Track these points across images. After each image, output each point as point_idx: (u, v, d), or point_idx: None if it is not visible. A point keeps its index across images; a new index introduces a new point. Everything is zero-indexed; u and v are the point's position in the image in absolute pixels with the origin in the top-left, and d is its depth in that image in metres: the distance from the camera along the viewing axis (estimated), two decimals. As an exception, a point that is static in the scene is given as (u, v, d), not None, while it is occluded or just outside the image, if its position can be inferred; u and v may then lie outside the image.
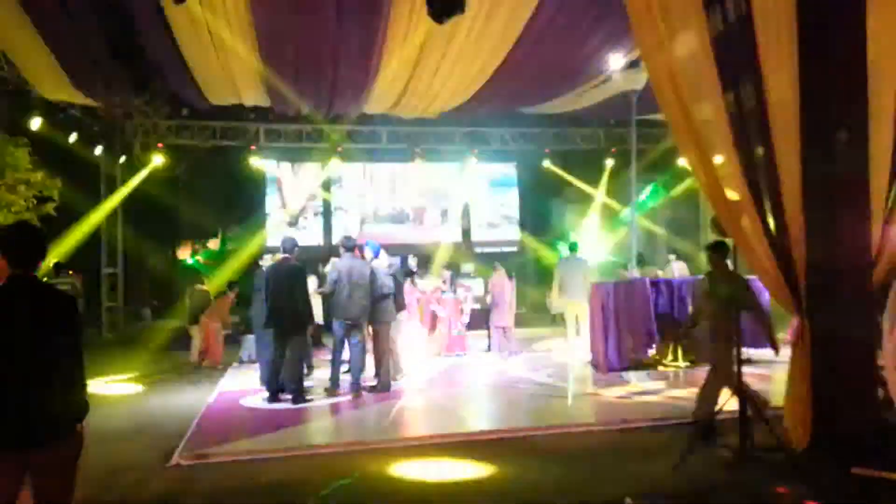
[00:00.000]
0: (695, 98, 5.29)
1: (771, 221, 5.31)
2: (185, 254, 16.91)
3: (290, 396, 7.96)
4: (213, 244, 16.95)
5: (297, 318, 8.05)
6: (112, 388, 9.45)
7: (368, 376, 8.76)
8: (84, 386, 3.18)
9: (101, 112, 12.86)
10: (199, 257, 16.77)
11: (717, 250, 6.11)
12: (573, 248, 11.41)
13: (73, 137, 13.05)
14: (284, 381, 8.06)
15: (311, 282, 9.69)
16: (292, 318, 7.99)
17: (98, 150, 14.27)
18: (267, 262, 9.68)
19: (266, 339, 8.59)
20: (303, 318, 8.13)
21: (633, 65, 10.95)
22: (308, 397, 8.10)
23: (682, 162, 13.98)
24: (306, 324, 8.24)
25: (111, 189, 15.08)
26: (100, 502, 4.93)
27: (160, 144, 14.79)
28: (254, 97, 12.69)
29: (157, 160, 14.80)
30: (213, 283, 12.53)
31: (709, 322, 6.21)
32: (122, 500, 4.99)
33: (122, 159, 14.80)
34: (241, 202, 16.73)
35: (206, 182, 15.62)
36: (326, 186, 17.17)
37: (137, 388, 9.52)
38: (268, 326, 8.14)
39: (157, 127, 14.44)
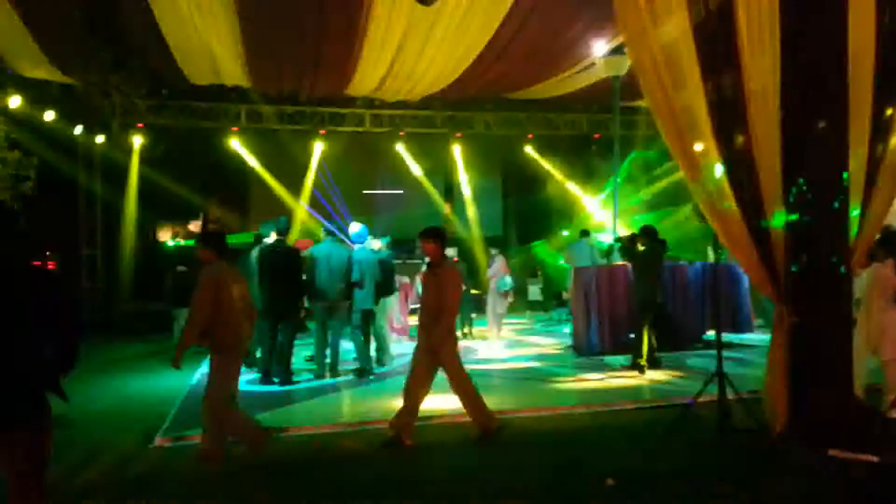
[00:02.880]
0: (677, 85, 5.31)
1: (750, 207, 5.37)
2: (165, 236, 16.75)
3: (277, 379, 7.97)
4: (195, 226, 16.78)
5: (291, 302, 8.02)
6: (93, 370, 9.38)
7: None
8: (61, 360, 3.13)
9: (80, 90, 12.64)
10: (179, 240, 16.62)
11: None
12: (584, 233, 11.55)
13: (50, 115, 12.81)
14: (272, 363, 8.06)
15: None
16: (286, 302, 7.97)
17: (77, 130, 14.03)
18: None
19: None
20: (297, 302, 8.10)
21: (615, 51, 10.96)
22: (294, 379, 8.10)
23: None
24: (298, 308, 8.19)
25: (89, 169, 14.87)
26: (81, 483, 4.92)
27: (140, 125, 14.57)
28: (234, 77, 12.55)
29: (138, 140, 14.59)
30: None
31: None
32: (103, 481, 4.97)
33: (101, 139, 14.57)
34: (222, 184, 16.55)
35: (187, 163, 15.41)
36: (309, 169, 17.03)
37: (119, 370, 9.46)
38: (262, 310, 7.96)
39: (137, 107, 14.23)
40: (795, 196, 5.16)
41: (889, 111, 5.50)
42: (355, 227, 8.84)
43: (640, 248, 8.67)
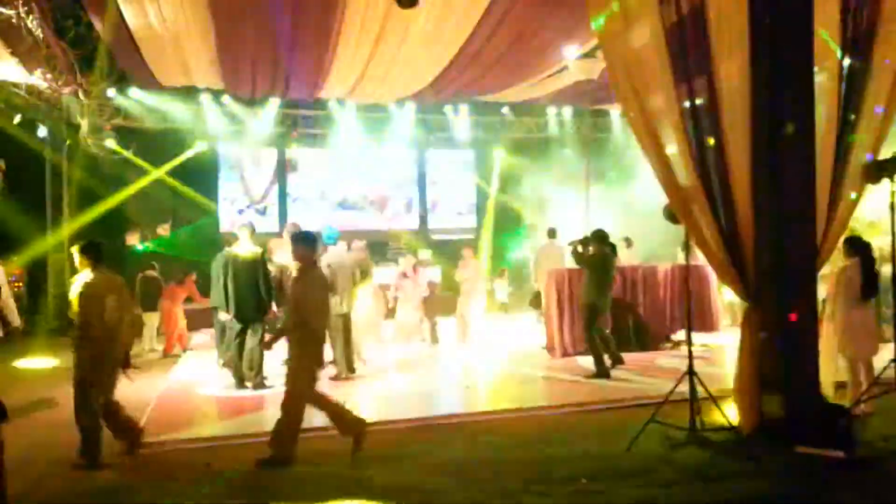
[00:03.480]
0: (649, 87, 5.41)
1: (721, 209, 5.47)
2: (133, 240, 16.48)
3: (249, 384, 7.92)
4: (163, 230, 16.55)
5: (259, 305, 7.96)
6: (60, 376, 9.20)
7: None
8: None
9: (47, 91, 12.41)
10: (148, 244, 16.37)
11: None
12: (552, 234, 11.58)
13: (15, 117, 12.56)
14: (243, 368, 8.00)
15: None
16: (254, 305, 7.91)
17: (43, 132, 13.77)
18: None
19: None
20: (264, 305, 8.03)
21: (588, 55, 11.09)
22: (268, 384, 8.04)
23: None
24: (267, 311, 8.12)
25: (57, 171, 14.60)
26: (49, 490, 4.84)
27: (108, 126, 14.34)
28: (206, 79, 12.43)
29: (107, 143, 14.35)
30: (168, 270, 12.26)
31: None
32: (71, 489, 4.90)
33: (68, 141, 14.31)
34: (192, 187, 16.34)
35: (157, 165, 15.20)
36: (283, 172, 16.94)
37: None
38: (231, 313, 8.00)
39: (105, 108, 14.01)
40: (764, 197, 5.28)
41: (853, 115, 5.65)
42: (328, 229, 8.80)
43: (591, 252, 8.65)
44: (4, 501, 3.18)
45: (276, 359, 7.63)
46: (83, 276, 5.38)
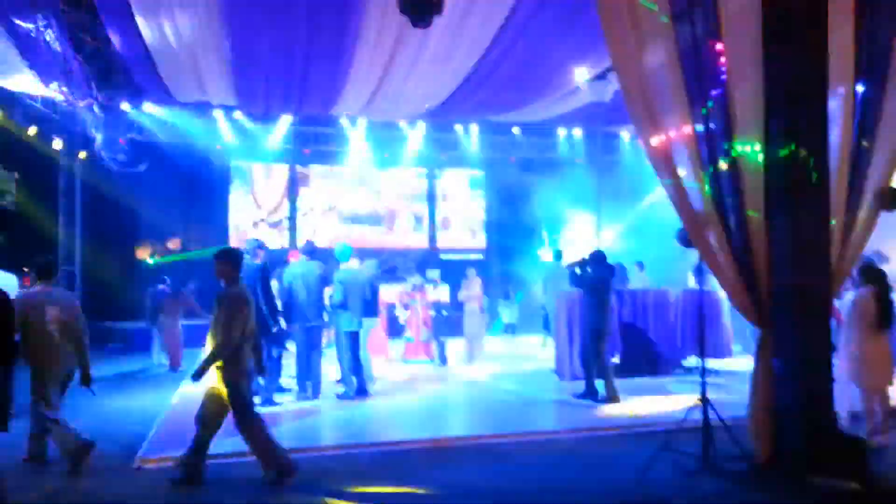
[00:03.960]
0: (663, 110, 5.38)
1: (734, 233, 5.43)
2: (144, 254, 16.54)
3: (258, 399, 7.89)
4: (174, 244, 16.61)
5: (262, 321, 7.93)
6: (70, 389, 9.18)
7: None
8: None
9: (64, 105, 12.52)
10: (158, 257, 16.41)
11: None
12: (557, 255, 11.53)
13: (31, 129, 12.67)
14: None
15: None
16: (257, 320, 7.88)
17: (57, 145, 13.89)
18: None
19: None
20: (267, 322, 8.00)
21: (600, 77, 11.11)
22: (277, 401, 8.00)
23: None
24: (270, 327, 8.09)
25: (70, 184, 14.72)
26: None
27: (122, 140, 14.45)
28: (221, 95, 12.51)
29: (120, 157, 14.43)
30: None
31: None
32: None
33: (83, 154, 14.43)
34: (203, 202, 16.43)
35: (169, 180, 15.29)
36: (294, 187, 17.01)
37: (97, 389, 9.25)
38: None
39: (120, 122, 14.12)
40: (778, 221, 5.22)
41: (867, 140, 5.62)
42: (341, 246, 8.82)
43: (589, 273, 8.46)
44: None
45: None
46: (28, 290, 5.65)
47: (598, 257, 8.49)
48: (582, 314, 8.68)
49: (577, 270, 8.59)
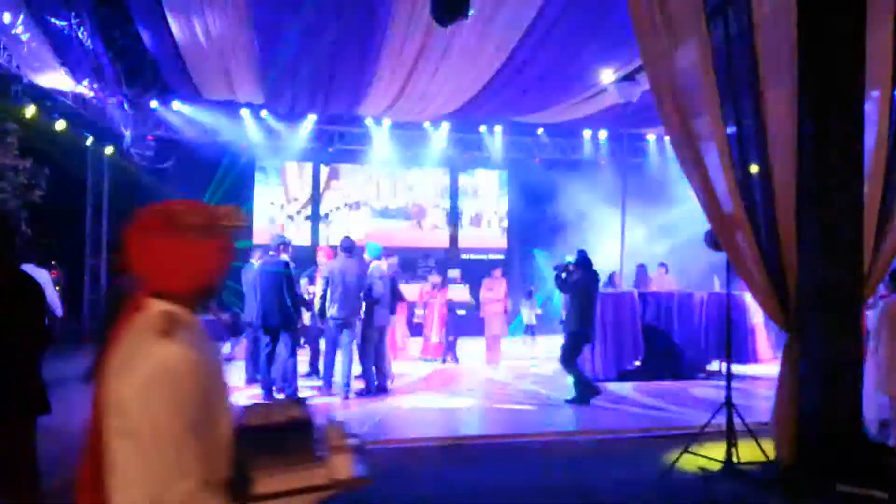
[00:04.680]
0: (694, 111, 5.34)
1: (764, 236, 5.36)
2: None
3: (282, 395, 7.96)
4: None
5: (286, 315, 8.00)
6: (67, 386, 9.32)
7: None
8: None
9: (93, 101, 12.70)
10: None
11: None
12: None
13: (61, 125, 12.86)
14: (276, 379, 8.03)
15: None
16: (280, 315, 7.96)
17: (88, 141, 14.09)
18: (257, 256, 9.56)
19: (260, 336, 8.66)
20: (290, 316, 8.07)
21: (626, 78, 11.03)
22: (301, 396, 8.06)
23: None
24: (293, 322, 8.16)
25: (99, 179, 14.93)
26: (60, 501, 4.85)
27: (150, 137, 14.63)
28: (247, 94, 12.61)
29: (148, 153, 14.61)
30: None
31: None
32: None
33: (110, 150, 14.62)
34: (229, 198, 16.54)
35: (196, 176, 15.42)
36: (318, 185, 17.09)
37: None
38: (258, 323, 8.11)
39: (147, 119, 14.30)
40: (809, 225, 5.15)
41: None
42: (371, 245, 8.94)
43: (574, 278, 8.36)
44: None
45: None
46: None
47: (582, 262, 8.38)
48: (567, 319, 8.57)
49: (563, 275, 8.48)
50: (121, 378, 1.41)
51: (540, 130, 16.41)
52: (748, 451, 5.41)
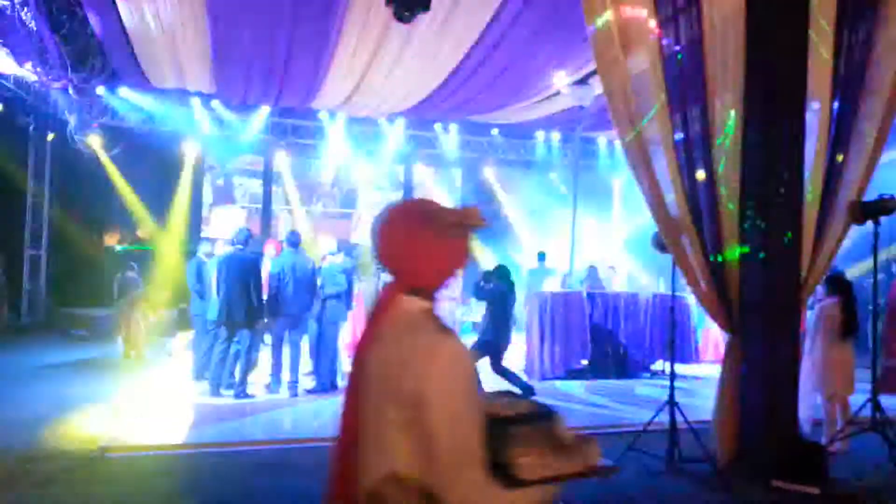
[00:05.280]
0: (645, 115, 5.46)
1: (708, 240, 5.52)
2: (112, 240, 16.26)
3: (231, 391, 7.83)
4: (143, 233, 16.35)
5: (251, 311, 7.87)
6: (29, 375, 9.03)
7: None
8: None
9: (37, 85, 12.28)
10: (126, 244, 16.15)
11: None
12: (541, 257, 11.53)
13: (-1, 109, 12.38)
14: (224, 375, 7.90)
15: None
16: (245, 311, 7.82)
17: (30, 127, 13.62)
18: (206, 249, 9.35)
19: (204, 331, 8.49)
20: (255, 312, 7.94)
21: (581, 81, 11.20)
22: (249, 393, 7.94)
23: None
24: (258, 318, 8.03)
25: (40, 165, 14.44)
26: (17, 491, 4.71)
27: (95, 124, 14.19)
28: (199, 83, 12.36)
29: (93, 141, 14.18)
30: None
31: None
32: (41, 490, 4.77)
33: (51, 136, 14.15)
34: (176, 190, 16.18)
35: (142, 166, 15.02)
36: (269, 178, 16.84)
37: (58, 375, 9.12)
38: (220, 319, 7.87)
39: (93, 105, 13.87)
40: (751, 230, 5.33)
41: (841, 154, 5.75)
42: (326, 240, 8.86)
43: (490, 287, 8.27)
44: None
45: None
46: None
47: (500, 272, 8.43)
48: (482, 328, 8.60)
49: (482, 283, 8.51)
50: (410, 373, 1.46)
51: (495, 131, 16.52)
52: (690, 450, 5.56)
